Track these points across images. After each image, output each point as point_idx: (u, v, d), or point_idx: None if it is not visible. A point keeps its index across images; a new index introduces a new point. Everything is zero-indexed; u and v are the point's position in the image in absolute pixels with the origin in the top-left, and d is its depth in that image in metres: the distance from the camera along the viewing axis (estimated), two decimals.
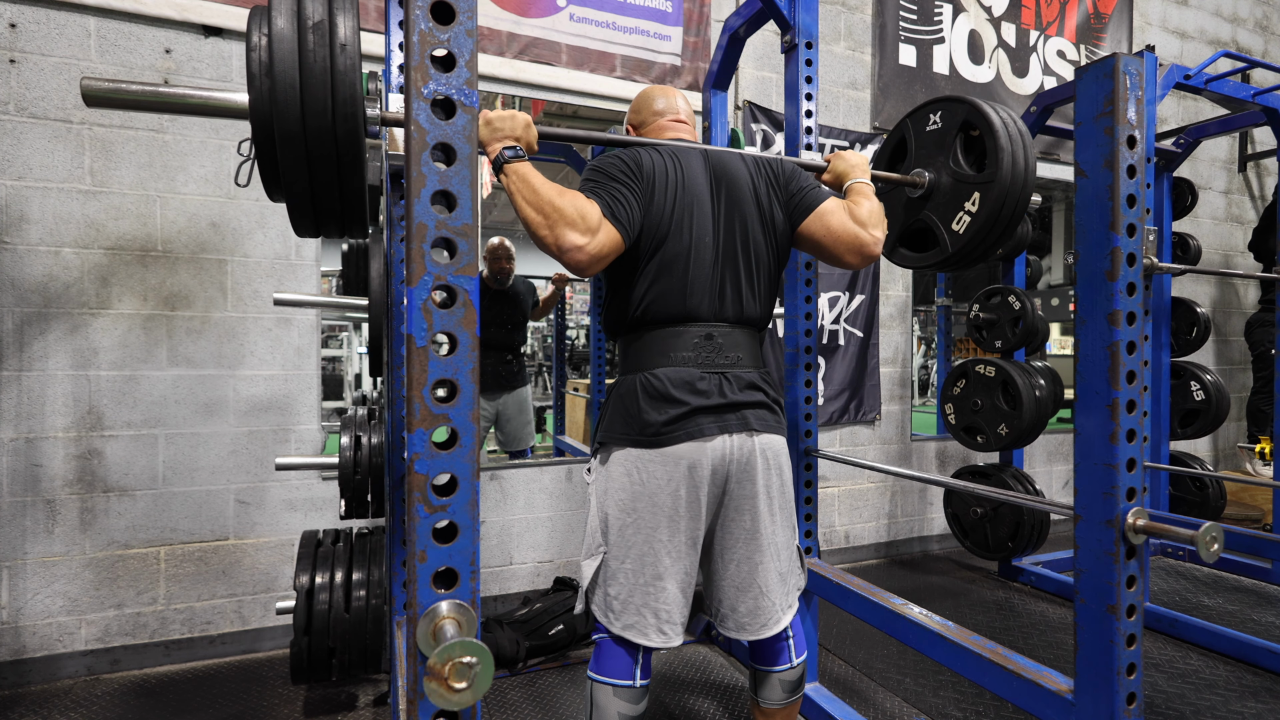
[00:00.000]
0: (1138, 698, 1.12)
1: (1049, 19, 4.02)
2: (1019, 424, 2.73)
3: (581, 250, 1.16)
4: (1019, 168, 1.46)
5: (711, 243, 1.34)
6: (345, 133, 0.83)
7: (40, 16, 2.19)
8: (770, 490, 1.38)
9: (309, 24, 0.80)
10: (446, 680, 0.67)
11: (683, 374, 1.30)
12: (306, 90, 0.79)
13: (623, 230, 1.23)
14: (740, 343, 1.38)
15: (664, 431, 1.27)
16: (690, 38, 3.11)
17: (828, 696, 1.95)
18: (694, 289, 1.32)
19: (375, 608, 1.87)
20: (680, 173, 1.34)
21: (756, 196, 1.40)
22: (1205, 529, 1.05)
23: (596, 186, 1.26)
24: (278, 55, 0.79)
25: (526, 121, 1.20)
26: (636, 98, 1.54)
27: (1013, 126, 1.49)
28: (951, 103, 1.57)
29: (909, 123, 1.67)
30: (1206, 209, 4.60)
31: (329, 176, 0.85)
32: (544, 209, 1.14)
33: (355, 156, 0.85)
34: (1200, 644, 2.44)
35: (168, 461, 2.34)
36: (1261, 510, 3.79)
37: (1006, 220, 1.48)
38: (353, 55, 0.82)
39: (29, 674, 2.20)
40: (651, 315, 1.33)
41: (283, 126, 0.80)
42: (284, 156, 0.82)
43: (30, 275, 2.19)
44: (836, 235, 1.40)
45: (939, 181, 1.59)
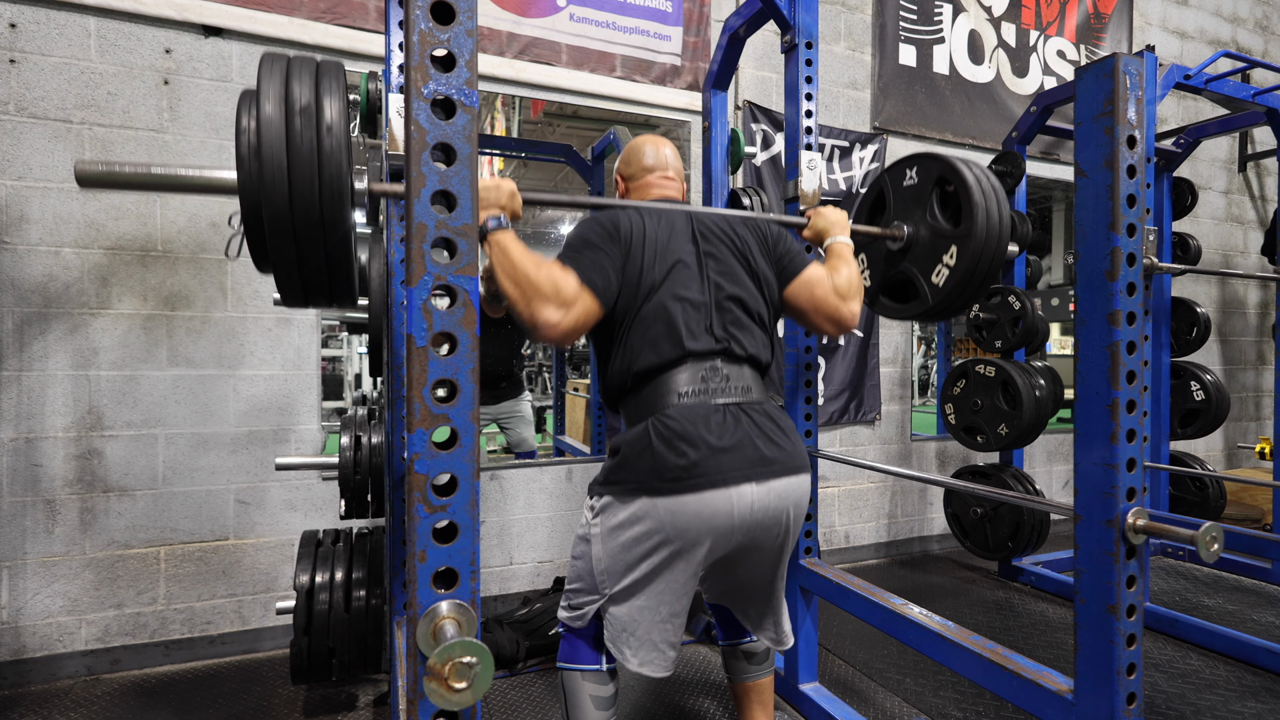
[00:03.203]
0: (1138, 698, 1.12)
1: (1049, 19, 4.02)
2: (1019, 424, 2.73)
3: (555, 326, 1.18)
4: (993, 221, 1.49)
5: (699, 290, 1.33)
6: (332, 214, 0.86)
7: (40, 16, 2.19)
8: (793, 533, 1.35)
9: (296, 109, 0.83)
10: (446, 680, 0.67)
11: (696, 410, 1.24)
12: (294, 174, 0.82)
13: (599, 296, 1.25)
14: (746, 376, 1.33)
15: (684, 478, 1.19)
16: (690, 38, 3.11)
17: (828, 696, 1.95)
18: (688, 331, 1.29)
19: (375, 608, 1.87)
20: (661, 230, 1.34)
21: (747, 251, 1.40)
22: (1205, 529, 1.05)
23: (574, 254, 1.28)
24: (265, 141, 0.82)
25: (512, 190, 1.22)
26: (628, 148, 1.55)
27: (986, 182, 1.52)
28: (927, 159, 1.60)
29: (886, 177, 1.70)
30: (1206, 209, 4.60)
31: (316, 256, 0.88)
32: (520, 283, 1.16)
33: (343, 236, 0.88)
34: (1200, 644, 2.44)
35: (168, 461, 2.34)
36: (1261, 510, 3.78)
37: (984, 272, 1.51)
38: (339, 137, 0.85)
39: (29, 674, 2.20)
40: (648, 364, 1.28)
41: (270, 209, 0.83)
42: (272, 236, 0.85)
43: (30, 275, 2.19)
44: (818, 305, 1.44)
45: (917, 234, 1.61)
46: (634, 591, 1.28)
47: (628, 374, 1.31)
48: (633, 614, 1.28)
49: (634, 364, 1.29)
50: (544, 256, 1.20)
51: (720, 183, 2.41)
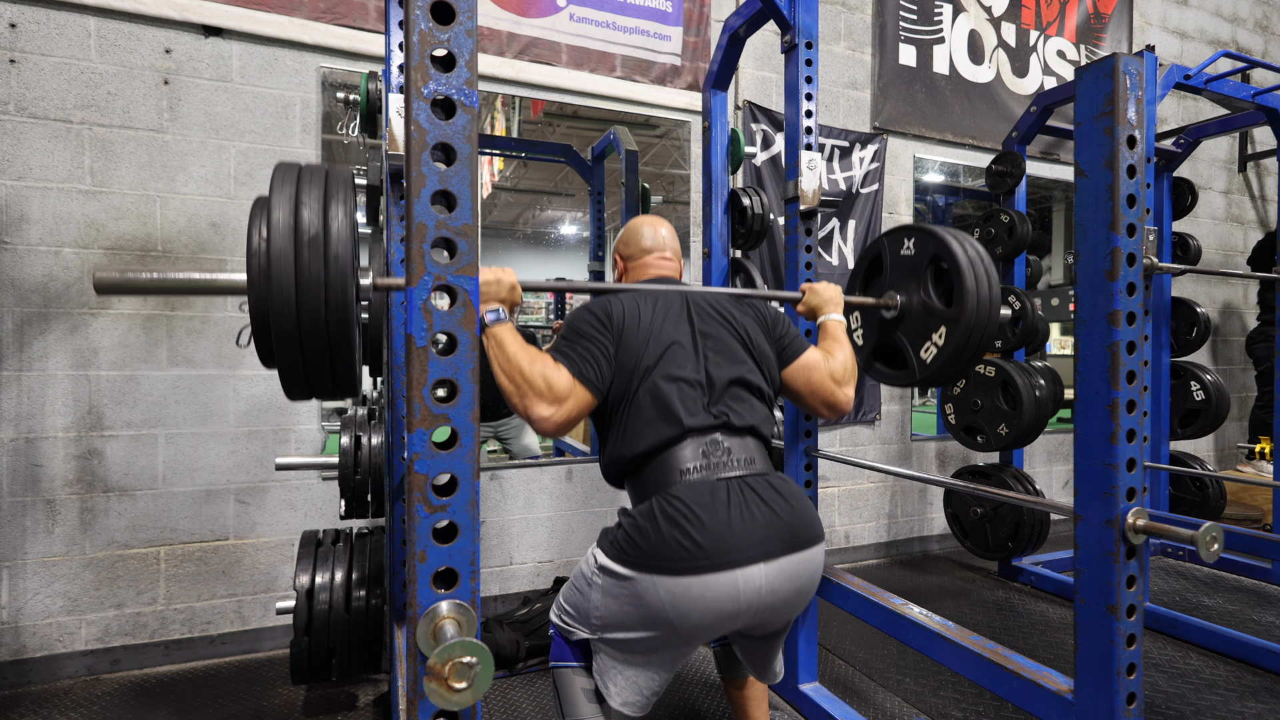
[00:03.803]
0: (1138, 698, 1.12)
1: (1049, 19, 4.02)
2: (1019, 424, 2.73)
3: (548, 420, 1.21)
4: (983, 306, 1.51)
5: (695, 369, 1.33)
6: (338, 330, 0.92)
7: (40, 16, 2.19)
8: (799, 605, 1.32)
9: (305, 240, 0.90)
10: (446, 680, 0.67)
11: (700, 488, 1.22)
12: (301, 302, 0.89)
13: (592, 388, 1.27)
14: (749, 447, 1.32)
15: (689, 559, 1.16)
16: (690, 38, 3.11)
17: (828, 696, 1.95)
18: (685, 409, 1.28)
19: (375, 608, 1.87)
20: (656, 313, 1.36)
21: (744, 331, 1.41)
22: (1205, 529, 1.05)
23: (567, 347, 1.30)
24: (275, 269, 0.89)
25: (512, 284, 1.26)
26: (628, 229, 1.59)
27: (979, 265, 1.53)
28: (924, 234, 1.61)
29: (885, 242, 1.72)
30: (1206, 209, 4.60)
31: (322, 362, 0.95)
32: (515, 378, 1.20)
33: (347, 347, 0.95)
34: (1200, 644, 2.44)
35: (168, 461, 2.34)
36: (1261, 510, 3.78)
37: (971, 353, 1.54)
38: (345, 262, 0.91)
39: (29, 674, 2.20)
40: (648, 446, 1.27)
41: (278, 328, 0.89)
42: (278, 348, 0.92)
43: (30, 275, 2.19)
44: (815, 389, 1.45)
45: (910, 306, 1.64)
46: (625, 648, 1.26)
47: (628, 457, 1.30)
48: (621, 665, 1.28)
49: (634, 447, 1.28)
50: (538, 352, 1.24)
51: (720, 183, 2.41)
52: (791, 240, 1.96)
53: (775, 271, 3.27)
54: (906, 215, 3.67)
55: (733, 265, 2.47)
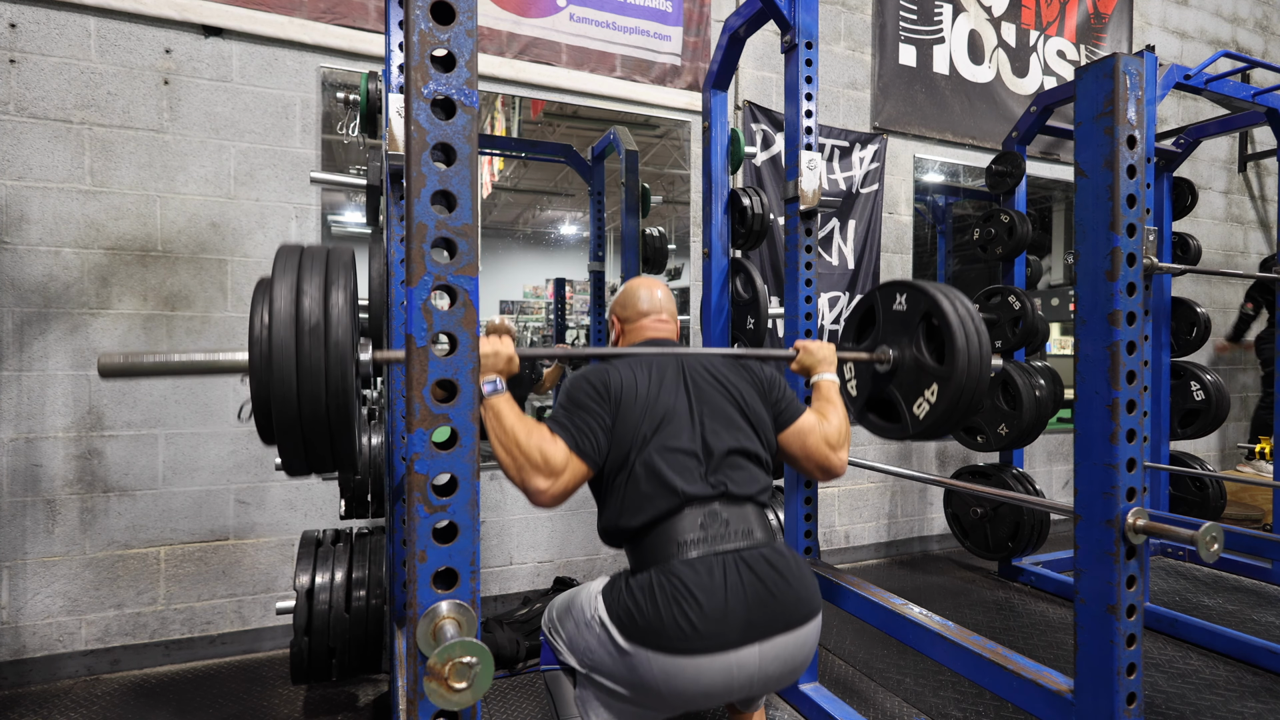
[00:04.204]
0: (1138, 698, 1.12)
1: (1049, 19, 4.02)
2: (1019, 424, 2.73)
3: (544, 493, 1.22)
4: (974, 364, 1.52)
5: (692, 438, 1.33)
6: (337, 415, 0.95)
7: (40, 16, 2.19)
8: (793, 679, 1.32)
9: (306, 329, 0.92)
10: (446, 680, 0.67)
11: (699, 566, 1.22)
12: (302, 386, 0.92)
13: (588, 460, 1.27)
14: (749, 517, 1.32)
15: (684, 640, 1.17)
16: (690, 38, 3.11)
17: (828, 696, 1.95)
18: (683, 476, 1.29)
19: (375, 608, 1.87)
20: (652, 383, 1.36)
21: (740, 397, 1.41)
22: (1205, 529, 1.05)
23: (565, 417, 1.30)
24: (276, 357, 0.91)
25: (509, 356, 1.27)
26: (624, 291, 1.60)
27: (970, 324, 1.54)
28: (916, 292, 1.62)
29: (878, 295, 1.74)
30: (1206, 209, 4.60)
31: (322, 445, 0.98)
32: (512, 451, 1.21)
33: (347, 430, 0.98)
34: (1200, 644, 2.44)
35: (168, 461, 2.33)
36: (1261, 510, 3.79)
37: (964, 409, 1.55)
38: (344, 348, 0.94)
39: (29, 674, 2.20)
40: (646, 518, 1.27)
41: (280, 412, 0.92)
42: (279, 430, 0.95)
43: (30, 275, 2.19)
44: (809, 454, 1.46)
45: (903, 360, 1.65)
46: (612, 696, 1.27)
47: (625, 526, 1.30)
48: (603, 706, 1.29)
49: (632, 520, 1.29)
50: (534, 423, 1.25)
51: (720, 183, 2.41)
52: (791, 240, 1.96)
53: (775, 271, 3.27)
54: (906, 215, 3.67)
55: (733, 265, 2.47)
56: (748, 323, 2.46)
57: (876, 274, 3.57)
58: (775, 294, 3.19)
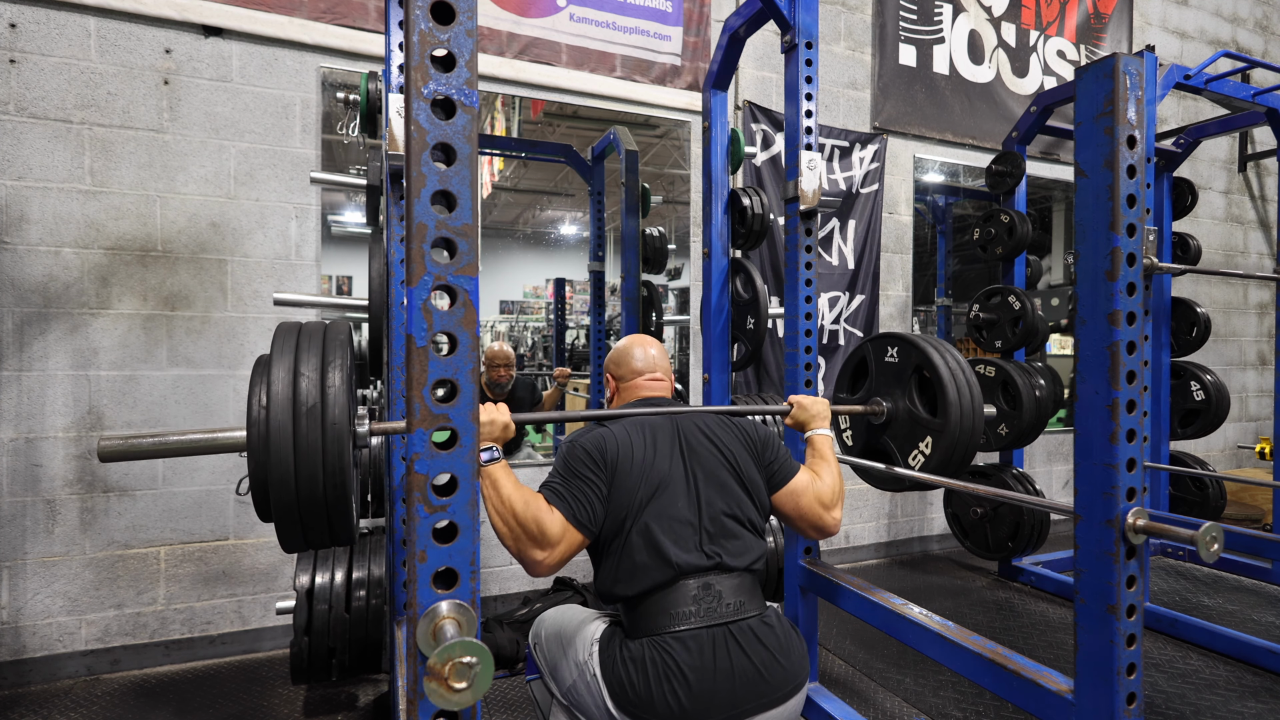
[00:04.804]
0: (1138, 698, 1.12)
1: (1049, 19, 4.02)
2: (1019, 424, 2.73)
3: (541, 564, 1.24)
4: (966, 417, 1.54)
5: (688, 506, 1.34)
6: (334, 495, 0.96)
7: (40, 16, 2.19)
8: None
9: (303, 411, 0.94)
10: (446, 680, 0.67)
11: (692, 646, 1.24)
12: (300, 468, 0.93)
13: (585, 530, 1.29)
14: (742, 587, 1.33)
15: (671, 718, 1.20)
16: (690, 38, 3.11)
17: (828, 696, 1.95)
18: (679, 547, 1.30)
19: (375, 608, 1.87)
20: (647, 449, 1.37)
21: (734, 461, 1.42)
22: (1205, 529, 1.05)
23: (560, 487, 1.31)
24: (274, 437, 0.92)
25: (506, 423, 1.30)
26: (619, 350, 1.62)
27: (961, 376, 1.55)
28: (907, 345, 1.64)
29: (869, 348, 1.75)
30: (1206, 209, 4.60)
31: (319, 524, 0.98)
32: (509, 522, 1.23)
33: (344, 509, 0.98)
34: (1200, 644, 2.44)
35: (168, 461, 2.33)
36: (1261, 510, 3.78)
37: (959, 460, 1.57)
38: (341, 428, 0.96)
39: (29, 674, 2.20)
40: (641, 589, 1.29)
41: (277, 494, 0.93)
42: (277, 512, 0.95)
43: (30, 275, 2.19)
44: (803, 513, 1.47)
45: (896, 412, 1.67)
46: None
47: (620, 594, 1.32)
48: None
49: (628, 589, 1.30)
50: (531, 493, 1.26)
51: (720, 183, 2.41)
52: (791, 240, 1.96)
53: (775, 271, 3.27)
54: (906, 215, 3.67)
55: (733, 265, 2.48)
56: (748, 323, 2.46)
57: (876, 274, 3.57)
58: (775, 294, 3.19)
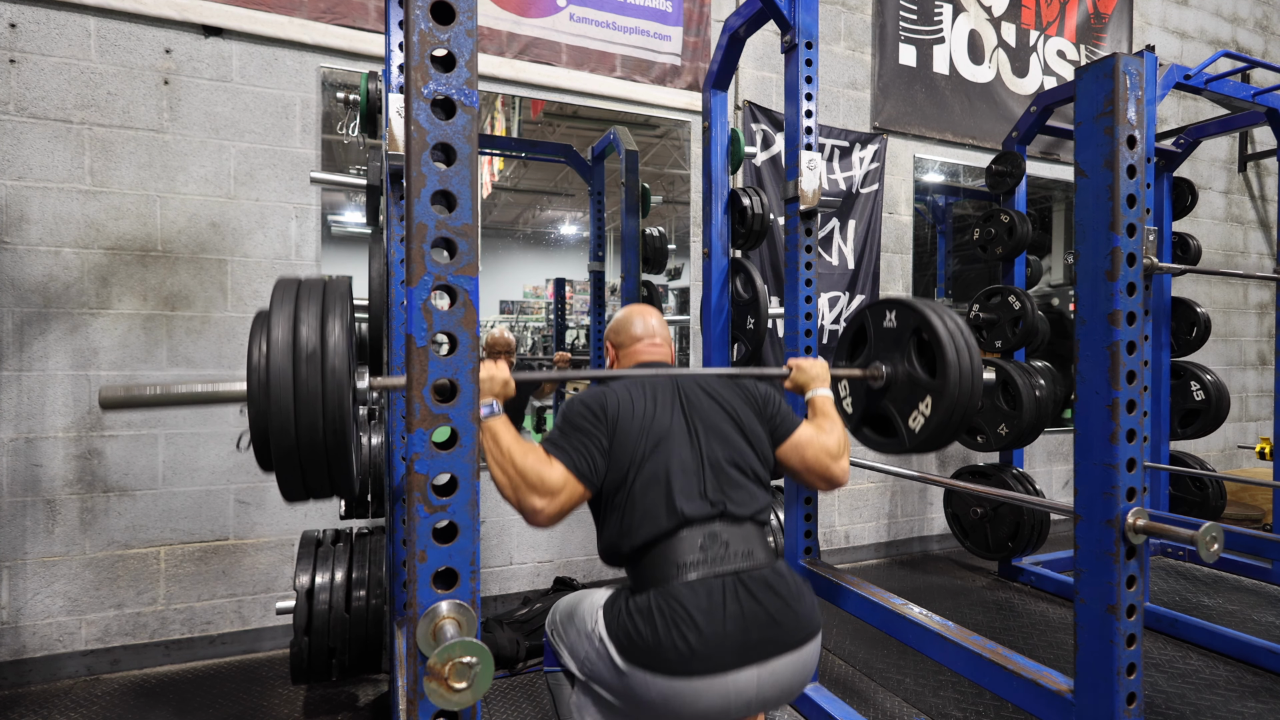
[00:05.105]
0: (1138, 698, 1.12)
1: (1049, 19, 4.02)
2: (1019, 424, 2.73)
3: (541, 513, 1.24)
4: (965, 376, 1.53)
5: (690, 456, 1.34)
6: (335, 443, 0.96)
7: (40, 16, 2.19)
8: (789, 701, 1.32)
9: (303, 356, 0.94)
10: (446, 680, 0.67)
11: (698, 588, 1.22)
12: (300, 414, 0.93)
13: (585, 480, 1.29)
14: (749, 537, 1.32)
15: (682, 662, 1.17)
16: (690, 38, 3.11)
17: (828, 696, 1.95)
18: (682, 496, 1.29)
19: (375, 608, 1.87)
20: (648, 403, 1.37)
21: (736, 413, 1.42)
22: (1205, 529, 1.05)
23: (561, 439, 1.31)
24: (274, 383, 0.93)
25: (505, 379, 1.30)
26: (618, 319, 1.62)
27: (959, 338, 1.55)
28: (905, 309, 1.64)
29: (868, 314, 1.75)
30: (1206, 209, 4.60)
31: (320, 472, 0.99)
32: (509, 472, 1.23)
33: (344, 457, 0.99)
34: (1200, 644, 2.44)
35: (168, 461, 2.33)
36: (1261, 510, 3.78)
37: (958, 420, 1.56)
38: (341, 375, 0.96)
39: (29, 674, 2.20)
40: (645, 538, 1.28)
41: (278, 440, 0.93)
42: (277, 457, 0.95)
43: (30, 275, 2.19)
44: (809, 465, 1.46)
45: (896, 376, 1.66)
46: (608, 708, 1.28)
47: (625, 546, 1.31)
48: (598, 713, 1.30)
49: (632, 539, 1.29)
50: (531, 445, 1.26)
51: (720, 183, 2.41)
52: (791, 240, 1.96)
53: (775, 271, 3.27)
54: (906, 215, 3.67)
55: (733, 265, 2.47)
56: (748, 323, 2.46)
57: (876, 274, 3.57)
58: (775, 294, 3.19)
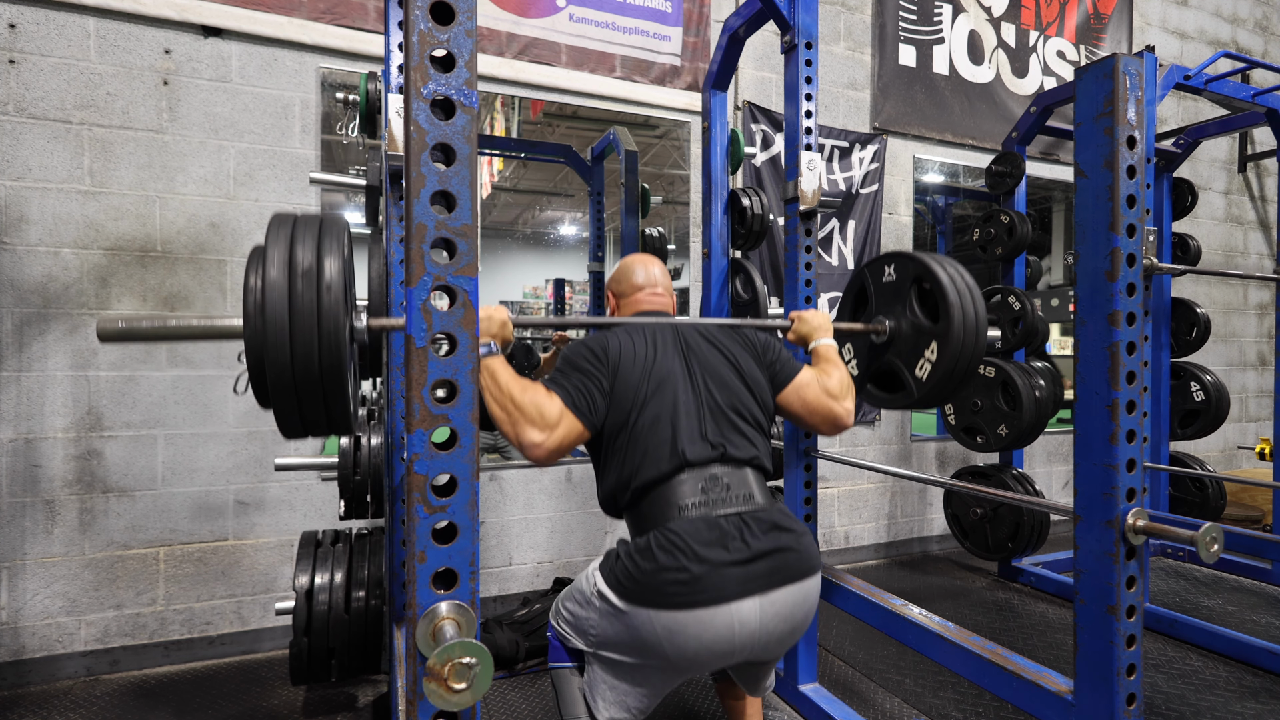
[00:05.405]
0: (1137, 698, 1.12)
1: (1049, 19, 4.02)
2: (1019, 424, 2.73)
3: (539, 446, 1.23)
4: (969, 317, 1.52)
5: (691, 400, 1.34)
6: (330, 366, 0.94)
7: (40, 17, 2.19)
8: (793, 641, 1.32)
9: (299, 272, 0.92)
10: (446, 681, 0.67)
11: (699, 524, 1.22)
12: (295, 336, 0.91)
13: (583, 418, 1.28)
14: (748, 481, 1.32)
15: (684, 594, 1.16)
16: (690, 38, 3.11)
17: (828, 697, 1.95)
18: (682, 438, 1.29)
19: (375, 608, 1.87)
20: (650, 347, 1.37)
21: (735, 359, 1.42)
22: (1205, 530, 1.05)
23: (561, 378, 1.31)
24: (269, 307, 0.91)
25: (504, 320, 1.28)
26: (620, 267, 1.61)
27: (961, 281, 1.55)
28: (904, 259, 1.64)
29: (867, 272, 1.74)
30: (1206, 209, 4.60)
31: (316, 402, 0.97)
32: (507, 406, 1.22)
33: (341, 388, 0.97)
34: (1200, 645, 2.44)
35: (167, 462, 2.33)
36: (1261, 510, 3.78)
37: (965, 365, 1.54)
38: (338, 302, 0.94)
39: (29, 674, 2.20)
40: (646, 479, 1.28)
41: (273, 365, 0.91)
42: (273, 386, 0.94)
43: (30, 276, 2.19)
44: (812, 408, 1.45)
45: (899, 329, 1.65)
46: (618, 669, 1.27)
47: (626, 488, 1.30)
48: (612, 682, 1.29)
49: (632, 479, 1.29)
50: (530, 382, 1.26)
51: (720, 183, 2.41)
52: (791, 240, 1.96)
53: (775, 272, 3.27)
54: (906, 216, 3.67)
55: (732, 265, 2.47)
56: None
57: None
58: (775, 294, 3.19)
